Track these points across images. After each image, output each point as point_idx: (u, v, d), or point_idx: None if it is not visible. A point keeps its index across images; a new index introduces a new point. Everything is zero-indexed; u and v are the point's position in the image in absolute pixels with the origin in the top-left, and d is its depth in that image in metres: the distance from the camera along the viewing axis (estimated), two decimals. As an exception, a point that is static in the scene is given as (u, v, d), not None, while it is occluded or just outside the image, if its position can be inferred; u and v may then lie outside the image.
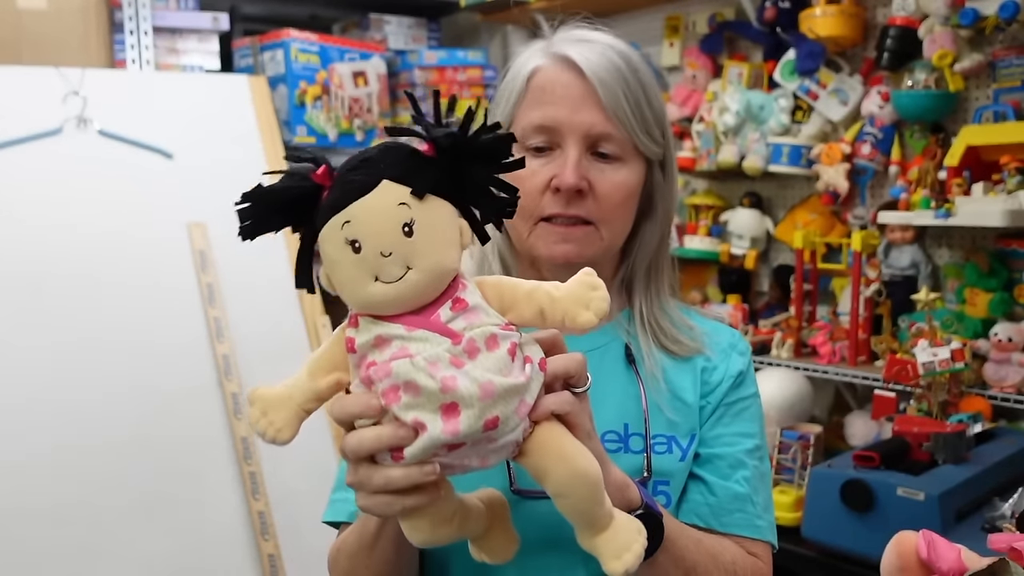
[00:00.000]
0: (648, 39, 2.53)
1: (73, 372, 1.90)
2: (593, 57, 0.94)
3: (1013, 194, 1.66)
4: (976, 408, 1.74)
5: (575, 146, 0.94)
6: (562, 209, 0.95)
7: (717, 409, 1.01)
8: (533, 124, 0.96)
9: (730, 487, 0.98)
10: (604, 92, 0.93)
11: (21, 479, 1.79)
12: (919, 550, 0.55)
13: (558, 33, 1.01)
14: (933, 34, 1.85)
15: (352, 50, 2.64)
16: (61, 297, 1.95)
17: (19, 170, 2.01)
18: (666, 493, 0.97)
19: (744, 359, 1.04)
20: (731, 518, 0.97)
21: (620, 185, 0.96)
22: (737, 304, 2.23)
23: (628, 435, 0.98)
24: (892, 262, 2.02)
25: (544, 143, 0.96)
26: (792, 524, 1.69)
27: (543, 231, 0.97)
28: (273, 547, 1.94)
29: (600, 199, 0.95)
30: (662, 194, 1.02)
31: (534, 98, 0.97)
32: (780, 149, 2.16)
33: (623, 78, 0.94)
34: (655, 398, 0.99)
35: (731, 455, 0.99)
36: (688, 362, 1.02)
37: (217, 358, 2.04)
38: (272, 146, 2.36)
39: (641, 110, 0.95)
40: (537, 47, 1.00)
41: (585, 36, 0.99)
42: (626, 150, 0.96)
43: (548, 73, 0.96)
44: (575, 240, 0.96)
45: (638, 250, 1.04)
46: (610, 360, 1.02)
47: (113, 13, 2.39)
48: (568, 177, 0.93)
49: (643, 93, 0.96)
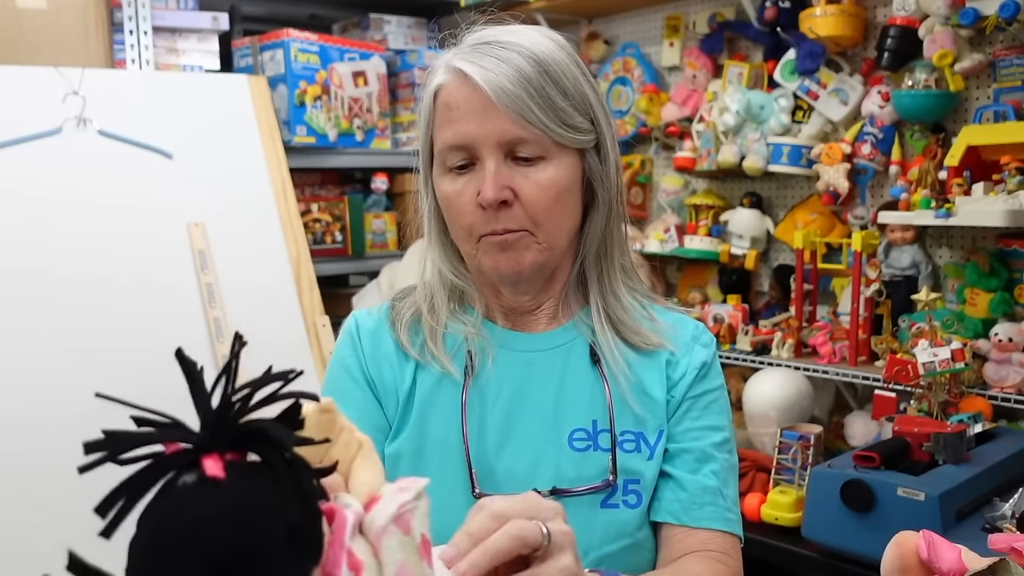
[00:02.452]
0: (648, 39, 2.53)
1: (73, 372, 1.90)
2: (487, 63, 0.92)
3: (1013, 194, 1.66)
4: (976, 408, 1.74)
5: (491, 157, 0.93)
6: (493, 225, 0.94)
7: (683, 403, 1.01)
8: (447, 144, 0.95)
9: (699, 480, 0.98)
10: (503, 98, 0.91)
11: (21, 479, 1.79)
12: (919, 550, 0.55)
13: (466, 37, 0.99)
14: (933, 34, 1.85)
15: (352, 50, 2.64)
16: (60, 297, 1.95)
17: (19, 170, 2.01)
18: (636, 492, 0.98)
19: (708, 351, 1.04)
20: (702, 511, 0.97)
21: (547, 185, 0.94)
22: (737, 304, 2.23)
23: (597, 432, 0.99)
24: (892, 262, 2.02)
25: (464, 160, 0.95)
26: (792, 524, 1.69)
27: (485, 247, 0.96)
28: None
29: (528, 204, 0.94)
30: (600, 180, 0.99)
31: (442, 118, 0.96)
32: (780, 149, 2.16)
33: (521, 76, 0.91)
34: (621, 394, 0.99)
35: (699, 449, 0.99)
36: (652, 356, 1.02)
37: (217, 358, 2.04)
38: (272, 146, 2.36)
39: (551, 103, 0.92)
40: (440, 60, 0.98)
41: (485, 37, 0.96)
42: (546, 147, 0.94)
43: (449, 90, 0.95)
44: (513, 248, 0.95)
45: (585, 241, 1.02)
46: (575, 358, 1.02)
47: (113, 13, 2.39)
48: (488, 192, 0.92)
49: (553, 85, 0.93)
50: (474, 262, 0.99)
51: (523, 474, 0.97)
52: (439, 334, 1.01)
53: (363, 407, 1.01)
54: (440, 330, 1.02)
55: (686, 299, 2.41)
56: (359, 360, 1.03)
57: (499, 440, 0.98)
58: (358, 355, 1.04)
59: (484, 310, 1.04)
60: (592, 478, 0.97)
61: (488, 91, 0.91)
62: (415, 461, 0.99)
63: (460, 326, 1.02)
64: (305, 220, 2.51)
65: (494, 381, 1.01)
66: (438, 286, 1.04)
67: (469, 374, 1.00)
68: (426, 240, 1.05)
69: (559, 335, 1.03)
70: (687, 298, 2.41)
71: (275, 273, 2.22)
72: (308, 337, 2.20)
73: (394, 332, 1.03)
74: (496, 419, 0.99)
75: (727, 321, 2.18)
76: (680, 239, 2.37)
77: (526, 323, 1.04)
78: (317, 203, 2.59)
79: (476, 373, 1.00)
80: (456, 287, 1.04)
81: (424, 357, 1.01)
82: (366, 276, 2.73)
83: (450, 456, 0.98)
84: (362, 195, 2.75)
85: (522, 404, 1.00)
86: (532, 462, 0.98)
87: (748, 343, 2.10)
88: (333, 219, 2.62)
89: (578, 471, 0.97)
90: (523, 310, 1.04)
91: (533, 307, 1.04)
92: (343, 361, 1.04)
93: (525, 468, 0.98)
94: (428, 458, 0.99)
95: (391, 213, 2.78)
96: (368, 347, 1.04)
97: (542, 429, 0.99)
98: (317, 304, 2.26)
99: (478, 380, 1.01)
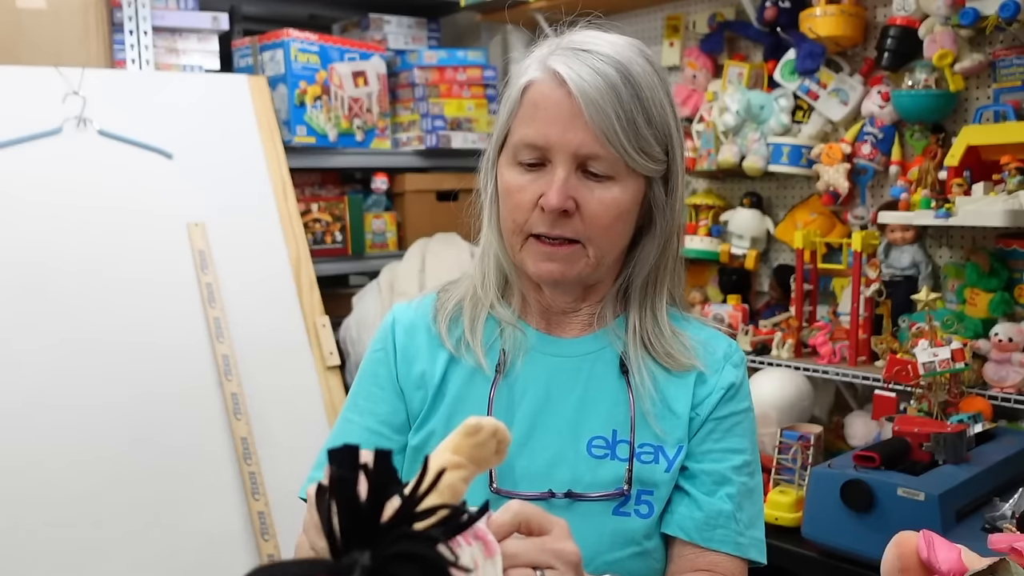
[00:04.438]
0: (648, 39, 2.53)
1: (73, 372, 1.90)
2: (585, 73, 0.92)
3: (1013, 194, 1.66)
4: (976, 408, 1.74)
5: (563, 165, 0.93)
6: (548, 229, 0.95)
7: (707, 423, 1.01)
8: (524, 141, 0.95)
9: (714, 503, 0.98)
10: (592, 112, 0.91)
11: (21, 479, 1.79)
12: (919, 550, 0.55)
13: (563, 36, 0.99)
14: (933, 34, 1.85)
15: (352, 50, 2.64)
16: (61, 297, 1.95)
17: (19, 170, 2.01)
18: (649, 503, 0.98)
19: (737, 371, 1.04)
20: (713, 534, 0.98)
21: (610, 204, 0.95)
22: (737, 304, 2.23)
23: (616, 442, 0.99)
24: (892, 262, 2.02)
25: (535, 159, 0.95)
26: (792, 524, 1.69)
27: (531, 248, 0.97)
28: (273, 547, 1.94)
29: (587, 218, 0.95)
30: (661, 210, 1.00)
31: (527, 114, 0.96)
32: (780, 149, 2.15)
33: (615, 96, 0.91)
34: (644, 408, 0.99)
35: (717, 471, 1.00)
36: (681, 376, 1.02)
37: (217, 358, 2.04)
38: (272, 146, 2.36)
39: (635, 128, 0.93)
40: (536, 56, 0.98)
41: (586, 43, 0.96)
42: (618, 169, 0.94)
43: (540, 88, 0.95)
44: (560, 259, 0.96)
45: (635, 264, 1.03)
46: (603, 366, 1.02)
47: (113, 13, 2.39)
48: (552, 198, 0.93)
49: (640, 110, 0.93)
50: (517, 257, 1.00)
51: (540, 473, 0.99)
52: (480, 321, 1.04)
53: (384, 409, 1.05)
54: (482, 316, 1.04)
55: (686, 299, 2.40)
56: (388, 360, 1.06)
57: (521, 438, 1.00)
58: (388, 354, 1.06)
59: (520, 309, 1.06)
60: (607, 485, 0.98)
61: (580, 101, 0.91)
62: None
63: (502, 311, 1.04)
64: (305, 220, 2.51)
65: (521, 381, 1.02)
66: (492, 270, 1.05)
67: (500, 371, 1.02)
68: (485, 224, 1.06)
69: (589, 342, 1.04)
70: (687, 298, 2.41)
71: (275, 273, 2.23)
72: (308, 337, 2.20)
73: (436, 323, 1.06)
74: (520, 417, 1.00)
75: (727, 321, 2.18)
76: (680, 239, 2.37)
77: (560, 326, 1.05)
78: (317, 203, 2.59)
79: (507, 371, 1.02)
80: (504, 275, 1.05)
81: (459, 351, 1.03)
82: (366, 276, 2.73)
83: None
84: (362, 195, 2.75)
85: (546, 406, 1.01)
86: (549, 463, 0.99)
87: (748, 343, 2.10)
88: (333, 219, 2.62)
89: (593, 476, 0.98)
90: (559, 311, 1.05)
91: (570, 309, 1.05)
92: (374, 363, 1.08)
93: (542, 468, 0.99)
94: None
95: (391, 213, 2.78)
96: (401, 343, 1.06)
97: (562, 432, 1.00)
98: (317, 304, 2.26)
99: (508, 378, 1.02)
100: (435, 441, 1.01)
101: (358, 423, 1.06)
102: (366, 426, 1.05)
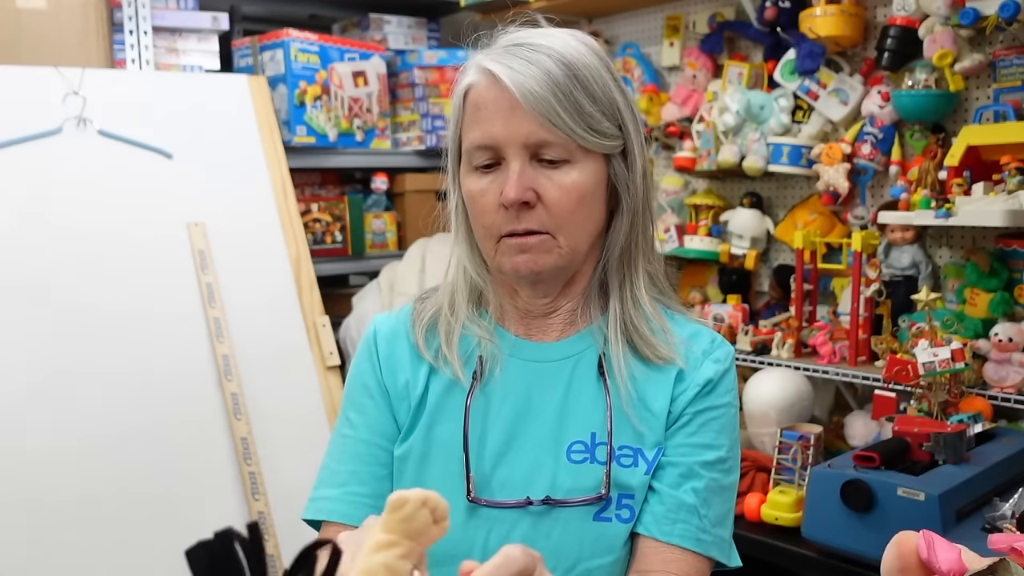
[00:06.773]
0: (648, 39, 2.53)
1: (73, 372, 1.90)
2: (517, 65, 0.93)
3: (1013, 194, 1.66)
4: (976, 408, 1.74)
5: (516, 158, 0.93)
6: (514, 225, 0.95)
7: (681, 416, 0.99)
8: (475, 144, 0.95)
9: (677, 496, 0.96)
10: (530, 100, 0.91)
11: (20, 479, 1.79)
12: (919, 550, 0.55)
13: (498, 38, 0.99)
14: (933, 34, 1.85)
15: (352, 50, 2.64)
16: (61, 297, 1.95)
17: (19, 170, 2.01)
18: (630, 507, 0.97)
19: (718, 367, 1.02)
20: (673, 527, 0.95)
21: (570, 188, 0.94)
22: (737, 304, 2.23)
23: (595, 444, 0.98)
24: (892, 262, 2.02)
25: (490, 159, 0.95)
26: (792, 524, 1.69)
27: (504, 247, 0.97)
28: (273, 547, 1.94)
29: (550, 206, 0.94)
30: (625, 186, 0.99)
31: (471, 118, 0.96)
32: (780, 149, 2.15)
33: (550, 80, 0.92)
34: (622, 408, 0.98)
35: (685, 464, 0.98)
36: (662, 371, 1.01)
37: (217, 358, 2.04)
38: (272, 146, 2.36)
39: (579, 107, 0.93)
40: (472, 61, 0.99)
41: (518, 39, 0.97)
42: (571, 151, 0.94)
43: (478, 90, 0.96)
44: (532, 250, 0.96)
45: (608, 247, 1.02)
46: (583, 369, 1.01)
47: (113, 13, 2.39)
48: (510, 191, 0.93)
49: (581, 89, 0.93)
50: (494, 262, 0.99)
51: (519, 483, 0.97)
52: (455, 335, 1.03)
53: (376, 419, 1.04)
54: (457, 330, 1.03)
55: (686, 299, 2.41)
56: (374, 370, 1.06)
57: (499, 448, 0.99)
58: (374, 365, 1.06)
59: (498, 315, 1.05)
60: (587, 490, 0.96)
61: (515, 92, 0.92)
62: (420, 464, 1.01)
63: (475, 328, 1.03)
64: (305, 220, 2.51)
65: (500, 389, 1.01)
66: (461, 283, 1.05)
67: (477, 379, 1.01)
68: (453, 237, 1.06)
69: (570, 345, 1.03)
70: (687, 298, 2.41)
71: (275, 273, 2.23)
72: (308, 337, 2.21)
73: (413, 334, 1.05)
74: (498, 426, 1.00)
75: (727, 321, 2.18)
76: (680, 239, 2.37)
77: (540, 329, 1.04)
78: (317, 203, 2.59)
79: (484, 380, 1.01)
80: (476, 287, 1.04)
81: (438, 361, 1.03)
82: (366, 276, 2.73)
83: (452, 461, 0.99)
84: (362, 195, 2.75)
85: (526, 414, 1.00)
86: (528, 471, 0.98)
87: (748, 343, 2.10)
88: (333, 219, 2.62)
89: (573, 482, 0.97)
90: (539, 313, 1.04)
91: (549, 311, 1.04)
92: (360, 375, 1.07)
93: (521, 477, 0.98)
94: (432, 462, 1.00)
95: (391, 213, 2.78)
96: (384, 353, 1.06)
97: (542, 440, 0.99)
98: (317, 304, 2.26)
99: (485, 387, 1.01)
100: (415, 453, 1.01)
101: (353, 437, 1.04)
102: (362, 439, 1.04)
